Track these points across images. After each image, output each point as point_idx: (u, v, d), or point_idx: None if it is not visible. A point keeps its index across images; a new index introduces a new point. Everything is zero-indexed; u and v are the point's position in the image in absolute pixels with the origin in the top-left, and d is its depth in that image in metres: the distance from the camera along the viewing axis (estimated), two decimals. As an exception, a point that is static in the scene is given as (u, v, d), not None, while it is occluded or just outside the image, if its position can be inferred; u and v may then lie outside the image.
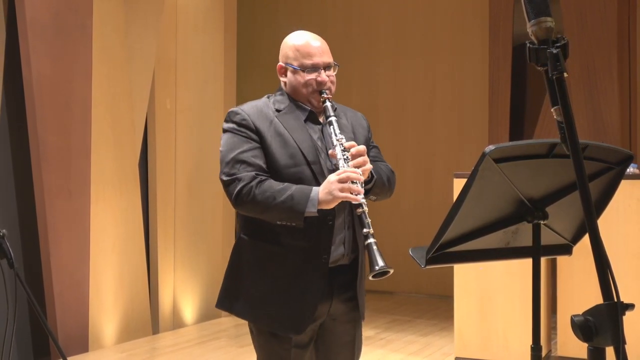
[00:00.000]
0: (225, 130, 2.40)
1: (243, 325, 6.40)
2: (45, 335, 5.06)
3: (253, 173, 2.30)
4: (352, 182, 2.23)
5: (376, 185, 2.39)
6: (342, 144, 2.30)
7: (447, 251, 2.07)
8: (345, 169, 2.24)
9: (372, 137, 2.60)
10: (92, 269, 5.44)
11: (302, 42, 2.44)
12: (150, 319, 6.02)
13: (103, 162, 5.57)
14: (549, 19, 1.36)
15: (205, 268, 6.60)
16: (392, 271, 2.18)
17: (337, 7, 8.42)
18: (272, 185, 2.28)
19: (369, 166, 2.30)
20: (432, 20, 7.99)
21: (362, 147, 2.31)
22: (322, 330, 2.45)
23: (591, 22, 6.75)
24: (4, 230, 3.02)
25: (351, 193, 2.22)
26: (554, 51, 1.34)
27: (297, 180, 2.31)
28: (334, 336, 2.47)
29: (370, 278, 2.19)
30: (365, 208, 2.23)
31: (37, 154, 5.09)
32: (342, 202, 2.28)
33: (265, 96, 2.49)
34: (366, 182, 2.33)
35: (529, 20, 1.37)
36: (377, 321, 6.45)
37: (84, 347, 5.37)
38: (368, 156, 2.40)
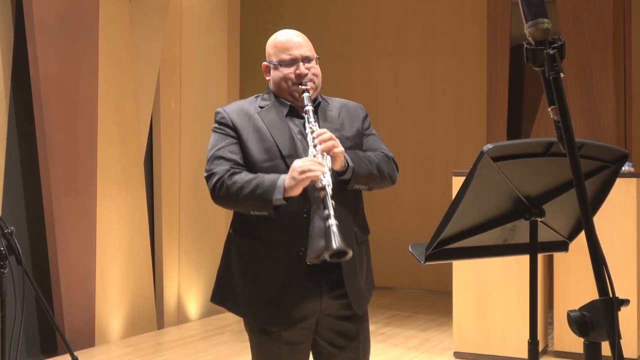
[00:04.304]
0: (212, 131, 2.47)
1: (246, 320, 6.47)
2: (52, 330, 5.12)
3: (228, 166, 2.32)
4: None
5: (358, 174, 2.32)
6: (312, 131, 2.28)
7: (446, 248, 2.08)
8: (309, 156, 2.23)
9: (371, 127, 2.57)
10: (98, 265, 5.51)
11: (280, 38, 2.46)
12: (155, 315, 6.09)
13: (109, 160, 5.64)
14: (545, 20, 1.37)
15: (209, 264, 6.67)
16: (350, 253, 2.08)
17: (338, 8, 8.48)
18: (243, 176, 2.29)
19: (339, 150, 2.25)
20: (431, 21, 8.06)
21: (327, 133, 2.27)
22: (320, 328, 2.42)
23: (587, 23, 6.82)
24: (12, 228, 3.07)
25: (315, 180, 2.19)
26: (551, 52, 1.35)
27: (272, 174, 2.30)
28: (334, 333, 2.43)
29: (328, 259, 2.09)
30: (329, 191, 2.16)
31: (45, 152, 5.16)
32: (320, 194, 2.28)
33: (254, 96, 2.51)
34: (342, 172, 2.29)
35: (526, 22, 1.38)
36: (377, 316, 6.51)
37: (90, 342, 5.44)
38: (363, 145, 2.44)
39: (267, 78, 2.50)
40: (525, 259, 2.09)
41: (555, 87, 1.35)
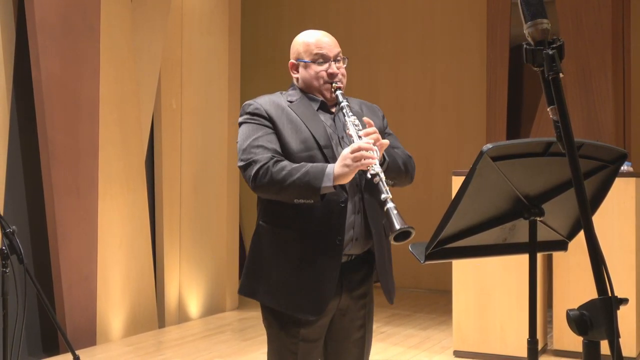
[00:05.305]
0: (240, 124, 2.43)
1: (247, 319, 6.49)
2: (54, 329, 5.14)
3: (270, 154, 2.31)
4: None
5: (390, 169, 2.36)
6: (354, 124, 2.32)
7: (445, 247, 2.08)
8: (358, 142, 2.24)
9: (388, 127, 2.62)
10: (100, 264, 5.53)
11: (312, 37, 2.50)
12: (156, 313, 6.12)
13: (110, 160, 5.66)
14: (545, 20, 1.37)
15: (210, 264, 6.70)
16: (413, 231, 2.14)
17: (339, 9, 8.50)
18: (288, 164, 2.29)
19: (384, 141, 2.30)
20: (431, 22, 8.09)
21: (373, 127, 2.31)
22: (332, 325, 2.45)
23: (586, 23, 6.85)
24: (14, 227, 3.09)
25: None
26: (550, 52, 1.35)
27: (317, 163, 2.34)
28: (343, 332, 2.47)
29: (392, 241, 2.15)
30: (382, 176, 2.20)
31: (46, 152, 5.17)
32: (354, 186, 2.33)
33: (279, 92, 2.53)
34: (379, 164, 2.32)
35: (526, 22, 1.38)
36: (377, 315, 6.40)
37: (91, 341, 5.46)
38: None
39: (295, 76, 2.52)
40: (524, 258, 2.09)
41: (554, 87, 1.36)
